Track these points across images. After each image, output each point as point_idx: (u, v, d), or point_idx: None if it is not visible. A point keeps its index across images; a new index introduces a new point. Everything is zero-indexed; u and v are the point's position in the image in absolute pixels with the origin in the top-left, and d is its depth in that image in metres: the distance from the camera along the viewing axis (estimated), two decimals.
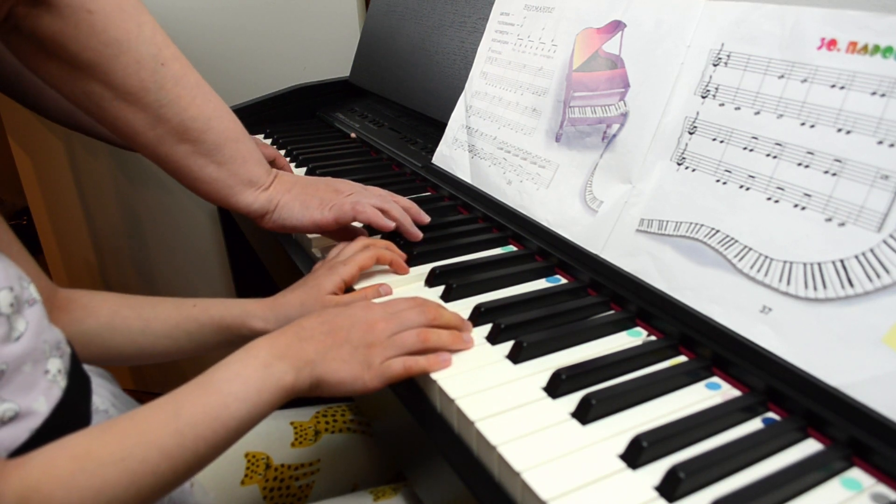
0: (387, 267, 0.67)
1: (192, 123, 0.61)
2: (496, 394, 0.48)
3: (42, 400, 0.43)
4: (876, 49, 0.47)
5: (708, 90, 0.58)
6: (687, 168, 0.58)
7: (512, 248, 0.73)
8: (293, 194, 0.68)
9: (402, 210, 0.71)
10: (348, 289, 0.64)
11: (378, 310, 0.54)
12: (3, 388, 0.41)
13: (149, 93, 0.58)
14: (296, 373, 0.48)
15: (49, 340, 0.46)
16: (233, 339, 0.61)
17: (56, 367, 0.46)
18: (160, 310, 0.61)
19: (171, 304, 0.61)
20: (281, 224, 0.68)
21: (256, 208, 0.67)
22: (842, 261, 0.45)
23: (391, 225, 0.69)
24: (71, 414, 0.46)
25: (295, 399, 0.49)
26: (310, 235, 0.75)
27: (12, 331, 0.42)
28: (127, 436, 0.41)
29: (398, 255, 0.67)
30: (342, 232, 0.71)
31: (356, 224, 0.72)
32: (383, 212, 0.70)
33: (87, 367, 0.53)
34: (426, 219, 0.74)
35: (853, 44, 0.48)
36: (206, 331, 0.61)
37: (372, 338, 0.51)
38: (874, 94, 0.46)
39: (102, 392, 0.56)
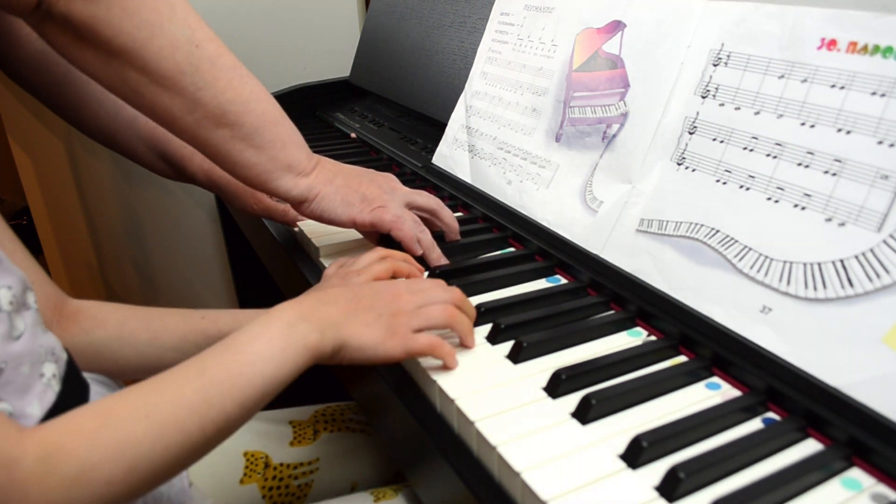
0: None
1: (229, 106, 0.60)
2: (496, 394, 0.48)
3: (36, 404, 0.43)
4: (876, 49, 0.47)
5: (708, 90, 0.58)
6: (687, 168, 0.58)
7: (512, 248, 0.73)
8: (335, 186, 0.67)
9: (431, 241, 0.69)
10: None
11: (402, 285, 0.54)
12: (2, 388, 0.41)
13: (185, 76, 0.57)
14: (320, 333, 0.47)
15: (44, 345, 0.46)
16: None
17: (51, 371, 0.45)
18: (168, 321, 0.60)
19: (179, 316, 0.61)
20: (318, 215, 0.68)
21: (296, 195, 0.66)
22: (842, 261, 0.45)
23: (419, 251, 0.68)
24: None
25: (294, 397, 0.49)
26: (316, 244, 0.75)
27: (13, 329, 0.42)
28: (151, 393, 0.41)
29: (416, 269, 0.65)
30: (374, 234, 0.71)
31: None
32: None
33: (87, 374, 0.52)
34: (457, 237, 0.74)
35: (853, 44, 0.48)
36: (215, 343, 0.60)
37: (397, 307, 0.51)
38: (874, 94, 0.46)
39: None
